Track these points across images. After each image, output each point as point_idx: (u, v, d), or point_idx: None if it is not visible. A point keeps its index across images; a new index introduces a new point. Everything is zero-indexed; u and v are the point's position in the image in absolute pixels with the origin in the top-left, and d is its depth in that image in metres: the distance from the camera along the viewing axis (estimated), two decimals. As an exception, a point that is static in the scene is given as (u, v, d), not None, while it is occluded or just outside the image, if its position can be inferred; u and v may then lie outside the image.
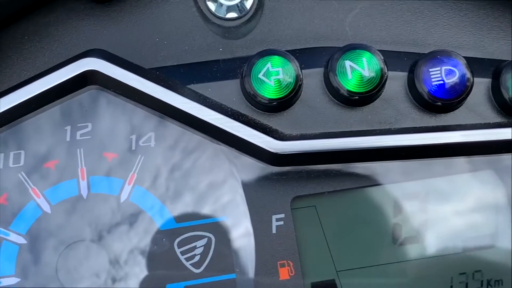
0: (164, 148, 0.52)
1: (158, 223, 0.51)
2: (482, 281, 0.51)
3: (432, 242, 0.52)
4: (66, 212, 0.51)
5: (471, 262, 0.51)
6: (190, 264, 0.50)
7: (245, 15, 0.55)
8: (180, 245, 0.51)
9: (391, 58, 0.52)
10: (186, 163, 0.51)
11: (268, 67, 0.49)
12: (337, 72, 0.50)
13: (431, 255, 0.52)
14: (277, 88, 0.50)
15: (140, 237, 0.51)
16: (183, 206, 0.51)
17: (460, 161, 0.52)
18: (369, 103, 0.51)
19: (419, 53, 0.53)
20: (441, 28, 0.55)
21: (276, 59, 0.50)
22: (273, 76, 0.49)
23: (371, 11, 0.55)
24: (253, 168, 0.51)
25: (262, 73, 0.49)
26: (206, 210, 0.51)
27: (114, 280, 0.50)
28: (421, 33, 0.55)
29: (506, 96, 0.50)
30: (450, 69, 0.50)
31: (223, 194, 0.51)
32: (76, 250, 0.50)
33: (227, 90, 0.51)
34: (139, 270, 0.50)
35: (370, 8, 0.55)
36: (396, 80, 0.52)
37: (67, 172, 0.51)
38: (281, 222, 0.51)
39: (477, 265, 0.51)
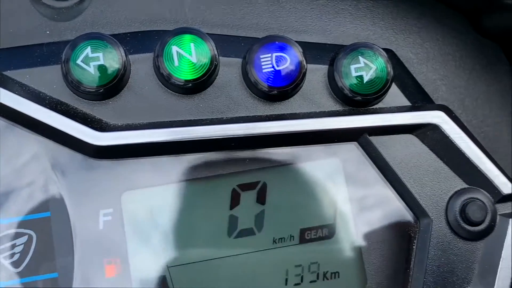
0: (-19, 140, 0.48)
1: (-28, 221, 0.47)
2: (318, 273, 0.50)
3: (269, 234, 0.50)
4: None
5: (307, 254, 0.50)
6: (9, 263, 0.47)
7: (77, -5, 0.52)
8: (-3, 243, 0.47)
9: (227, 43, 0.50)
10: (3, 156, 0.48)
11: (87, 53, 0.46)
12: (164, 58, 0.47)
13: (267, 247, 0.50)
14: (100, 75, 0.46)
15: (-48, 236, 0.47)
16: (1, 202, 0.47)
17: (301, 150, 0.51)
18: (201, 91, 0.49)
19: (258, 37, 0.51)
20: (286, 11, 0.53)
21: (97, 43, 0.46)
22: (93, 62, 0.46)
23: (213, -8, 0.53)
24: (78, 161, 0.48)
25: (80, 59, 0.46)
26: (26, 206, 0.48)
27: None
28: (265, 16, 0.53)
29: (339, 84, 0.48)
30: (282, 55, 0.48)
31: (46, 189, 0.48)
32: None
33: (48, 76, 0.48)
34: (-49, 272, 0.47)
35: (212, -11, 0.53)
36: (231, 67, 0.49)
37: None
38: (109, 217, 0.48)
39: (314, 257, 0.50)
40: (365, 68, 0.48)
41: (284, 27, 0.53)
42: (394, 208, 0.50)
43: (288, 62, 0.48)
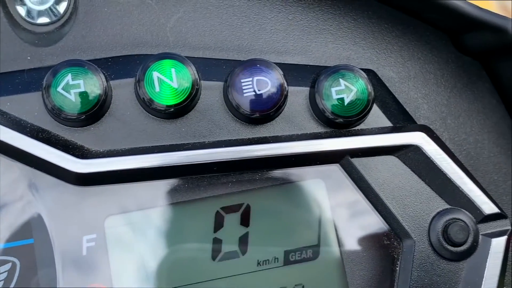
0: (-37, 167, 0.48)
1: (-45, 250, 0.47)
2: (302, 295, 0.50)
3: (253, 256, 0.50)
4: None
5: (292, 276, 0.50)
6: (-8, 292, 0.47)
7: (58, 20, 0.51)
8: (-20, 272, 0.47)
9: (209, 67, 0.50)
10: (-14, 184, 0.48)
11: (67, 80, 0.46)
12: (145, 84, 0.47)
13: (252, 270, 0.50)
14: (81, 101, 0.46)
15: None
16: (-16, 230, 0.47)
17: (284, 172, 0.51)
18: (183, 115, 0.49)
19: (240, 60, 0.51)
20: (268, 33, 0.53)
21: (77, 70, 0.46)
22: (74, 89, 0.46)
23: (195, 15, 0.53)
24: (61, 188, 0.48)
25: (61, 86, 0.46)
26: (9, 233, 0.48)
27: None
28: (247, 38, 0.53)
29: (321, 106, 0.48)
30: (262, 79, 0.48)
31: (29, 216, 0.48)
32: None
33: (29, 104, 0.48)
34: None
35: (194, 12, 0.53)
36: (213, 91, 0.49)
37: None
38: (93, 243, 0.48)
39: (298, 278, 0.50)
40: (345, 91, 0.49)
41: (266, 48, 0.53)
42: (377, 229, 0.50)
43: (269, 85, 0.48)
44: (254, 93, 0.48)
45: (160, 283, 0.49)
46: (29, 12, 0.51)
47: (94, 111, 0.46)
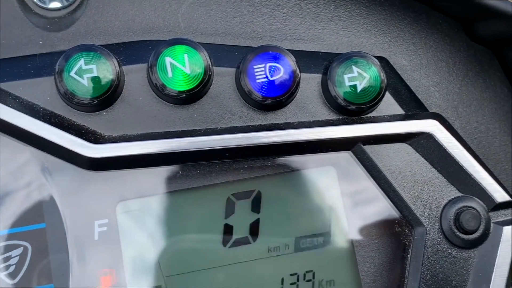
0: (-25, 152, 0.48)
1: (-33, 233, 0.47)
2: (313, 282, 0.50)
3: (264, 243, 0.50)
4: None
5: (302, 262, 0.50)
6: (4, 275, 0.47)
7: (70, 4, 0.51)
8: (-8, 255, 0.47)
9: (221, 53, 0.50)
10: (-1, 168, 0.48)
11: (80, 65, 0.46)
12: (158, 69, 0.47)
13: (262, 256, 0.50)
14: (93, 86, 0.46)
15: None
16: (-4, 214, 0.48)
17: (295, 158, 0.51)
18: (195, 101, 0.49)
19: (252, 46, 0.51)
20: (279, 19, 0.53)
21: (90, 55, 0.46)
22: (87, 74, 0.46)
23: (206, 1, 0.52)
24: (73, 173, 0.48)
25: (74, 71, 0.46)
26: (21, 217, 0.48)
27: None
28: (258, 25, 0.53)
29: (333, 93, 0.48)
30: (275, 65, 0.48)
31: (41, 200, 0.48)
32: None
33: (41, 88, 0.47)
34: None
35: (206, -3, 0.52)
36: (225, 77, 0.49)
37: None
38: (104, 228, 0.48)
39: (309, 265, 0.50)
40: (358, 78, 0.48)
41: (278, 35, 0.53)
42: (388, 216, 0.50)
43: (281, 71, 0.48)
44: (266, 79, 0.48)
45: (170, 268, 0.49)
46: (40, -4, 0.51)
47: (107, 96, 0.46)
